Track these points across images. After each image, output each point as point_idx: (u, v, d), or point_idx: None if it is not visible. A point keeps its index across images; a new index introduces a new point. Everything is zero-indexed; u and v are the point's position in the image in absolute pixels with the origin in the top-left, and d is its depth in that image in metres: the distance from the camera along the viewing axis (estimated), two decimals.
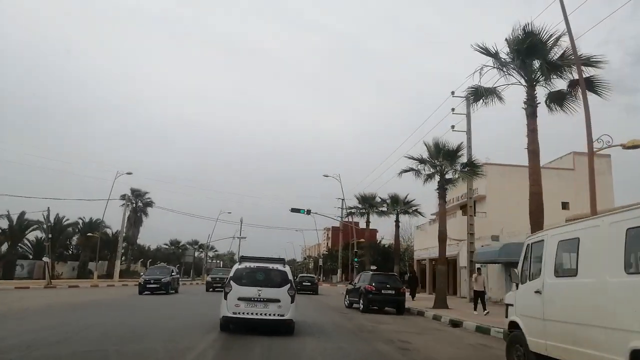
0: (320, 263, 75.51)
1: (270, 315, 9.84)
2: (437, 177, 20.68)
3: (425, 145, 20.44)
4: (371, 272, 19.31)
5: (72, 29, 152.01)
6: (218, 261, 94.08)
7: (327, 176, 38.59)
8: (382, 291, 18.17)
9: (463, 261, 30.15)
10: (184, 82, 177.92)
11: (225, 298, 9.95)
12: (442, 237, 19.84)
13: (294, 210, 37.18)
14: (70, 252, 55.74)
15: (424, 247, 37.92)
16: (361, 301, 18.58)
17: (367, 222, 34.03)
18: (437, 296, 19.46)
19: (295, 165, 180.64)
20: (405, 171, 20.90)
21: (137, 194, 54.12)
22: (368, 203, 33.40)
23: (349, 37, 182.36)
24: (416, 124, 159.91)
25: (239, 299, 9.83)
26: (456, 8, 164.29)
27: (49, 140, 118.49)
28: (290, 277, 10.48)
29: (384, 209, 32.54)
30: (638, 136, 18.18)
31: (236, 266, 10.65)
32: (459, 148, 19.54)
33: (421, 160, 20.31)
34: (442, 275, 19.67)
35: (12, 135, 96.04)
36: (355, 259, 36.59)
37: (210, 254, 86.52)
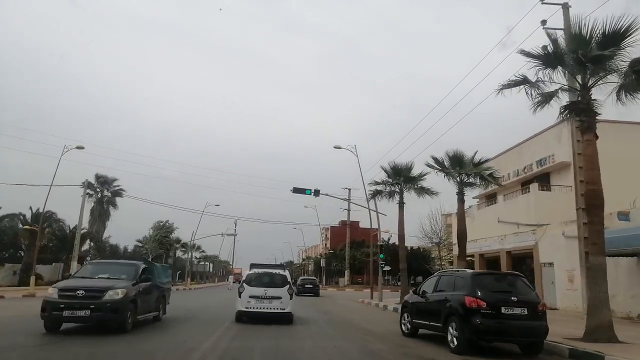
0: (323, 264, 65.92)
1: (274, 309, 12.43)
2: (568, 97, 11.35)
3: (548, 35, 11.09)
4: (471, 273, 9.87)
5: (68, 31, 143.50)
6: (206, 262, 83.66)
7: (339, 148, 29.03)
8: (503, 310, 8.68)
9: (546, 255, 20.80)
10: (181, 83, 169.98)
11: (240, 296, 12.63)
12: (598, 203, 10.40)
13: (297, 190, 27.75)
14: (21, 252, 45.78)
15: (471, 238, 28.54)
16: (453, 329, 9.09)
17: (401, 204, 24.39)
18: (594, 316, 10.00)
19: (293, 165, 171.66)
20: (516, 83, 11.38)
21: (102, 180, 44.33)
22: (403, 176, 23.86)
23: (344, 40, 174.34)
24: (412, 123, 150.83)
25: (250, 297, 12.50)
26: (451, 10, 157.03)
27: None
28: (289, 279, 13.23)
29: (426, 180, 23.16)
30: None
31: (247, 272, 13.50)
32: (629, 29, 10.09)
33: (548, 60, 10.80)
34: (602, 275, 10.16)
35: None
36: (381, 255, 27.11)
37: (197, 254, 76.05)
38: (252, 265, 13.59)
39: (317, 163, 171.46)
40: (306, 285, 33.66)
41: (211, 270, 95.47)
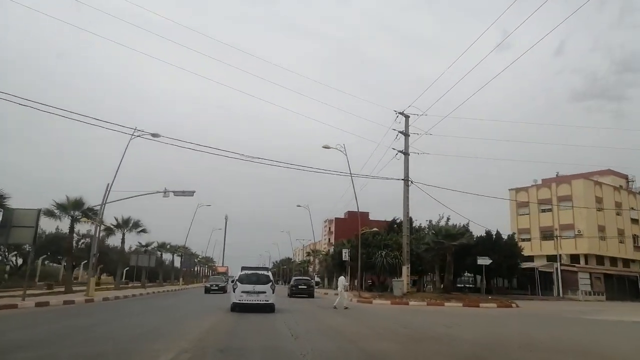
0: (346, 257, 40.04)
1: (260, 301, 16.61)
2: None
3: None
4: None
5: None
6: (162, 253, 55.06)
7: None
8: None
9: None
10: (180, 83, 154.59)
11: (234, 291, 16.90)
12: None
13: None
14: None
15: None
16: None
17: None
18: None
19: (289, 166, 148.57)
20: None
21: None
22: None
23: (342, 43, 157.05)
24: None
25: (242, 292, 16.62)
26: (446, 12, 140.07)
27: None
28: (271, 278, 17.58)
29: None
30: None
31: (240, 273, 17.56)
32: None
33: None
34: None
35: None
36: None
37: (140, 237, 44.24)
38: (243, 268, 17.84)
39: (314, 164, 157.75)
40: (299, 286, 32.30)
41: (178, 266, 67.88)
